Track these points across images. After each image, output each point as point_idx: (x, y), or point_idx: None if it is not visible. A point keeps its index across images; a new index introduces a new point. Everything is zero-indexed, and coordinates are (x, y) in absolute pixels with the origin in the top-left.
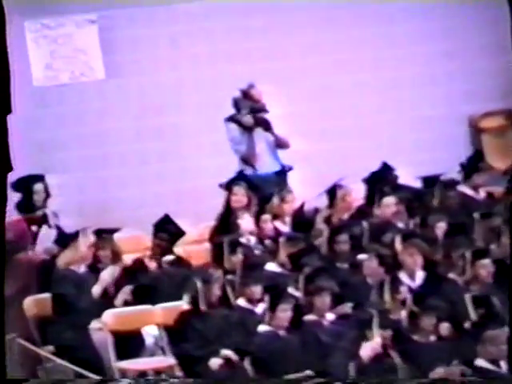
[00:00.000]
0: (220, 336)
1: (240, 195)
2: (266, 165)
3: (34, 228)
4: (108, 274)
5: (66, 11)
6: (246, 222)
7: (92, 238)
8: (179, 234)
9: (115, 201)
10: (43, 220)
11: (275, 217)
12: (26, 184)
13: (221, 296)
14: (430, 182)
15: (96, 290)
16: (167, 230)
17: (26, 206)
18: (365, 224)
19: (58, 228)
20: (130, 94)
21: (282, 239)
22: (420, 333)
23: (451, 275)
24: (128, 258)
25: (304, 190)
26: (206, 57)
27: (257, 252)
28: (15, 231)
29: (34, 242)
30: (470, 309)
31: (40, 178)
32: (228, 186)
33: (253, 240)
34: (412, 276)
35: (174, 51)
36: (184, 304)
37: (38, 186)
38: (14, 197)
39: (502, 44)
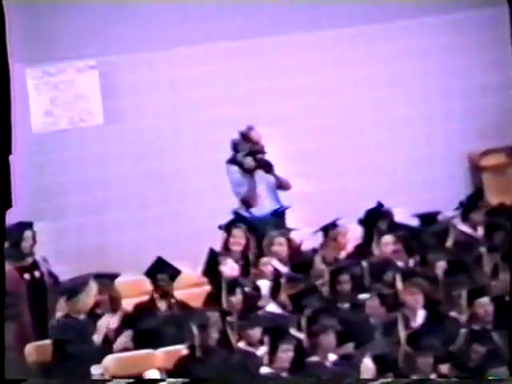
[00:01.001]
0: (221, 379)
1: (238, 237)
2: (265, 206)
3: (26, 276)
4: (105, 322)
5: (67, 57)
6: (228, 268)
7: (95, 286)
8: (176, 273)
9: (114, 245)
10: (34, 267)
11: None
12: (14, 232)
13: (221, 338)
14: (427, 220)
15: (97, 338)
16: (165, 272)
17: (15, 254)
18: (364, 264)
19: (50, 273)
20: (130, 139)
21: (282, 280)
22: (417, 373)
23: (452, 313)
24: (128, 303)
25: (303, 231)
26: (205, 100)
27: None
28: (10, 281)
29: (29, 290)
30: (465, 347)
31: (29, 225)
32: (227, 228)
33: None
34: (413, 315)
35: (173, 95)
36: (183, 349)
37: (27, 233)
38: None
39: (501, 82)
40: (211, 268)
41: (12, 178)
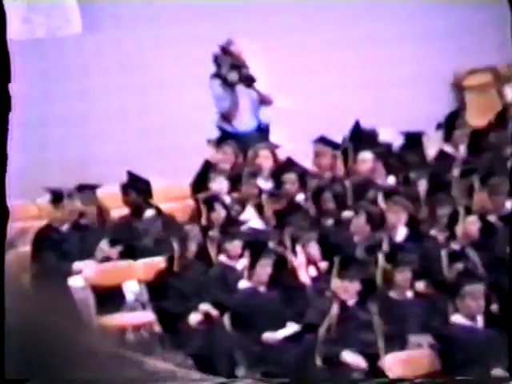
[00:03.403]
0: (199, 292)
1: (228, 154)
2: (244, 122)
3: None
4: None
5: None
6: (217, 184)
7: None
8: (148, 187)
9: (96, 156)
10: None
11: (255, 173)
12: None
13: (201, 252)
14: (412, 139)
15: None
16: (136, 187)
17: None
18: (347, 182)
19: None
20: (110, 49)
21: (264, 196)
22: (395, 289)
23: (433, 232)
24: (111, 214)
25: (287, 147)
26: (185, 12)
27: (236, 208)
28: None
29: None
30: (444, 265)
31: None
32: (218, 144)
33: (228, 199)
34: (394, 233)
35: (152, 6)
36: (161, 262)
37: None
38: None
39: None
40: (200, 181)
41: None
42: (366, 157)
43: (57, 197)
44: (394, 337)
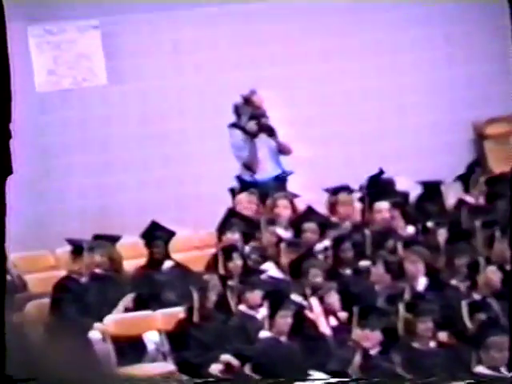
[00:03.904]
0: (220, 342)
1: (253, 203)
2: (267, 171)
3: None
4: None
5: (69, 16)
6: (235, 233)
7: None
8: (171, 235)
9: (116, 207)
10: None
11: (273, 222)
12: None
13: (220, 302)
14: (431, 188)
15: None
16: (159, 237)
17: None
18: (367, 231)
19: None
20: (133, 100)
21: (283, 245)
22: (417, 339)
23: (453, 282)
24: (129, 265)
25: (305, 196)
26: (208, 63)
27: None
28: None
29: None
30: (465, 316)
31: None
32: (239, 193)
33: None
34: (415, 283)
35: (177, 57)
36: (181, 312)
37: None
38: None
39: (504, 48)
40: (224, 229)
41: (14, 138)
42: (382, 206)
43: (77, 249)
44: None
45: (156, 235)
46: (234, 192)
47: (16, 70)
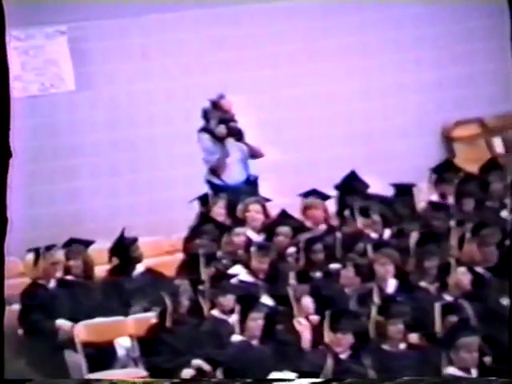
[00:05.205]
0: (191, 347)
1: (223, 208)
2: (233, 175)
3: None
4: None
5: (36, 22)
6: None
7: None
8: (135, 243)
9: (87, 212)
10: None
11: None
12: None
13: (193, 307)
14: (403, 190)
15: None
16: (125, 249)
17: None
18: (338, 234)
19: None
20: (101, 106)
21: (253, 249)
22: (388, 342)
23: (423, 284)
24: (100, 270)
25: (276, 200)
26: (176, 68)
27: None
28: None
29: None
30: (437, 318)
31: None
32: (211, 198)
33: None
34: (384, 285)
35: (145, 62)
36: (153, 317)
37: None
38: None
39: (477, 51)
40: (194, 235)
41: None
42: (362, 219)
43: (35, 254)
44: None
45: (119, 245)
46: (204, 197)
47: None
